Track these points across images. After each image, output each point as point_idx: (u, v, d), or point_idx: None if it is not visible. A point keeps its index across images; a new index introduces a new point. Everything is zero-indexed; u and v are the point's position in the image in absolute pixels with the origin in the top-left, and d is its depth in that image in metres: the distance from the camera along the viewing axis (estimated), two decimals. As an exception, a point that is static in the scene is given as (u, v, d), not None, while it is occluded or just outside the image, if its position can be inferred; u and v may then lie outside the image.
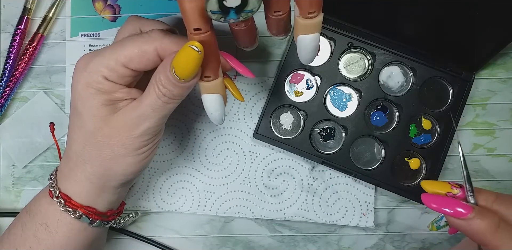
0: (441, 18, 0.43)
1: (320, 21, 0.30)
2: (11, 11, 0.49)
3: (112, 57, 0.34)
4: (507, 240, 0.29)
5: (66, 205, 0.36)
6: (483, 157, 0.48)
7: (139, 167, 0.36)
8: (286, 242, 0.48)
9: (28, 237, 0.36)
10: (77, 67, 0.35)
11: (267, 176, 0.48)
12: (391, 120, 0.47)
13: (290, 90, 0.47)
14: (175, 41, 0.34)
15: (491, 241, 0.29)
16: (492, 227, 0.29)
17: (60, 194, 0.36)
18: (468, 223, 0.29)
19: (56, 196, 0.36)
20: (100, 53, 0.35)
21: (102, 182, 0.36)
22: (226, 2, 0.27)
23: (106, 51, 0.34)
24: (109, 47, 0.35)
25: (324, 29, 0.46)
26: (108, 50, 0.34)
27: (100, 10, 0.49)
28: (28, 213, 0.37)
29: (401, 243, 0.48)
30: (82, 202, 0.36)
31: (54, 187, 0.37)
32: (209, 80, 0.33)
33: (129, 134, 0.34)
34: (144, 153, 0.36)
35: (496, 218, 0.29)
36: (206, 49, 0.29)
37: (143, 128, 0.34)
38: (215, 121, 0.35)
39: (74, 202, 0.36)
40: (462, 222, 0.30)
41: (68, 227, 0.36)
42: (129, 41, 0.34)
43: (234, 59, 0.36)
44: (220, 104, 0.34)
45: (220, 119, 0.35)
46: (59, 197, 0.36)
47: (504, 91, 0.48)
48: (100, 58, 0.34)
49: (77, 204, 0.36)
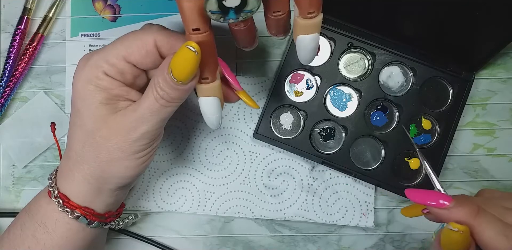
0: (441, 18, 0.43)
1: (319, 21, 0.30)
2: (11, 11, 0.49)
3: (112, 52, 0.34)
4: (487, 224, 0.30)
5: (64, 205, 0.36)
6: (483, 157, 0.48)
7: (136, 171, 0.36)
8: (286, 242, 0.48)
9: (27, 237, 0.36)
10: (78, 65, 0.35)
11: (267, 176, 0.48)
12: (391, 120, 0.47)
13: (290, 90, 0.47)
14: (173, 35, 0.34)
15: (473, 227, 0.30)
16: (472, 213, 0.30)
17: (59, 194, 0.36)
18: (450, 211, 0.31)
19: (55, 196, 0.36)
20: (100, 50, 0.35)
21: (99, 183, 0.36)
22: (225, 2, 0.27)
23: (106, 47, 0.35)
24: (110, 44, 0.35)
25: (324, 29, 0.46)
26: (109, 46, 0.35)
27: (100, 10, 0.49)
28: (27, 213, 0.38)
29: (401, 243, 0.48)
30: (80, 203, 0.36)
31: (53, 187, 0.37)
32: (206, 83, 0.33)
33: (126, 137, 0.34)
34: (142, 158, 0.36)
35: (475, 205, 0.31)
36: (204, 50, 0.29)
37: (141, 131, 0.34)
38: (212, 126, 0.35)
39: (72, 203, 0.36)
40: (445, 212, 0.31)
41: (66, 227, 0.36)
42: (128, 35, 0.35)
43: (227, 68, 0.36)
44: (217, 108, 0.34)
45: (216, 123, 0.35)
46: (57, 197, 0.36)
47: (504, 91, 0.48)
48: (101, 54, 0.34)
49: (75, 205, 0.36)
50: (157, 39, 0.34)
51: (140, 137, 0.34)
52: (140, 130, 0.34)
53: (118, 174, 0.36)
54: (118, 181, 0.36)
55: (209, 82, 0.33)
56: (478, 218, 0.30)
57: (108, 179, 0.36)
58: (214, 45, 0.31)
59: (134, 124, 0.34)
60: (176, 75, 0.30)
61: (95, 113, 0.34)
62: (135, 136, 0.34)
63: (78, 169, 0.36)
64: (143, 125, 0.34)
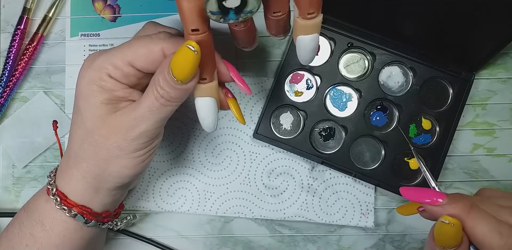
0: (441, 18, 0.43)
1: (319, 21, 0.30)
2: (11, 11, 0.49)
3: (118, 55, 0.34)
4: (480, 220, 0.30)
5: (62, 203, 0.36)
6: (483, 157, 0.48)
7: (134, 171, 0.36)
8: (286, 242, 0.48)
9: (25, 235, 0.36)
10: (83, 64, 0.35)
11: (267, 176, 0.48)
12: (391, 120, 0.47)
13: (290, 90, 0.47)
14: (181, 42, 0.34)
15: (466, 223, 0.30)
16: (465, 209, 0.30)
17: (57, 191, 0.36)
18: (443, 208, 0.31)
19: (53, 194, 0.36)
20: (107, 51, 0.35)
21: (97, 182, 0.36)
22: (225, 2, 0.27)
23: (113, 49, 0.35)
24: (117, 46, 0.35)
25: (324, 29, 0.46)
26: (116, 49, 0.35)
27: (100, 10, 0.49)
28: (26, 211, 0.38)
29: (401, 243, 0.48)
30: (77, 201, 0.36)
31: (51, 185, 0.37)
32: (204, 83, 0.33)
33: (125, 135, 0.34)
34: (141, 157, 0.36)
35: (468, 202, 0.31)
36: (203, 50, 0.29)
37: (140, 129, 0.34)
38: (207, 129, 0.35)
39: (69, 201, 0.36)
40: (439, 209, 0.31)
41: (64, 226, 0.36)
42: (137, 41, 0.35)
43: (235, 71, 0.36)
44: (213, 110, 0.34)
45: (212, 126, 0.35)
46: (55, 194, 0.36)
47: (504, 91, 0.48)
48: (107, 56, 0.34)
49: (72, 203, 0.36)
50: (165, 48, 0.34)
51: (139, 135, 0.34)
52: (139, 128, 0.34)
53: (116, 173, 0.36)
54: (116, 180, 0.36)
55: (207, 82, 0.33)
56: (471, 214, 0.30)
57: (107, 177, 0.36)
58: (212, 46, 0.31)
59: (134, 123, 0.34)
60: (176, 75, 0.31)
61: (96, 113, 0.35)
62: (134, 134, 0.34)
63: (77, 167, 0.36)
64: (143, 124, 0.34)
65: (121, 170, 0.36)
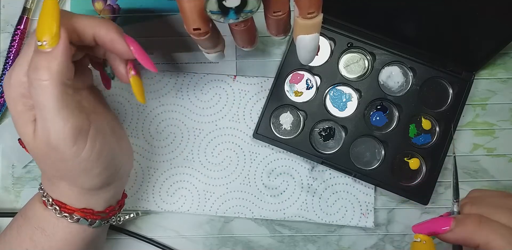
0: (441, 18, 0.43)
1: (319, 21, 0.30)
2: (11, 11, 0.49)
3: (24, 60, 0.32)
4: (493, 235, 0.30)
5: (62, 211, 0.35)
6: (483, 157, 0.48)
7: (104, 173, 0.35)
8: (286, 242, 0.48)
9: (24, 240, 0.36)
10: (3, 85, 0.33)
11: (267, 176, 0.48)
12: (391, 120, 0.47)
13: (290, 90, 0.47)
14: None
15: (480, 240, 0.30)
16: (475, 228, 0.30)
17: (54, 201, 0.36)
18: (454, 232, 0.31)
19: (50, 204, 0.35)
20: (16, 64, 0.32)
21: (85, 190, 0.36)
22: (225, 2, 0.27)
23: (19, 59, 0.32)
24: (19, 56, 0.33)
25: (324, 29, 0.46)
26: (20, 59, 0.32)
27: (99, 10, 0.49)
28: (22, 217, 0.37)
29: (401, 243, 0.48)
30: (77, 206, 0.36)
31: (46, 196, 0.36)
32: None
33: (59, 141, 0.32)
34: (89, 159, 0.33)
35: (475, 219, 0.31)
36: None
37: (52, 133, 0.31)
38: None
39: (69, 207, 0.35)
40: (450, 234, 0.32)
41: (66, 230, 0.36)
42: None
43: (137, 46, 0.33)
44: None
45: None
46: (53, 204, 0.35)
47: (504, 91, 0.48)
48: (18, 68, 0.32)
49: (72, 208, 0.35)
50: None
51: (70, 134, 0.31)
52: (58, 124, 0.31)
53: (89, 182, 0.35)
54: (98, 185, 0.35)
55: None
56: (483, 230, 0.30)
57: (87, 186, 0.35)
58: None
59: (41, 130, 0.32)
60: (38, 34, 0.29)
61: (31, 139, 0.33)
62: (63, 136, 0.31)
63: (58, 183, 0.35)
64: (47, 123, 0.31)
65: (89, 174, 0.34)
